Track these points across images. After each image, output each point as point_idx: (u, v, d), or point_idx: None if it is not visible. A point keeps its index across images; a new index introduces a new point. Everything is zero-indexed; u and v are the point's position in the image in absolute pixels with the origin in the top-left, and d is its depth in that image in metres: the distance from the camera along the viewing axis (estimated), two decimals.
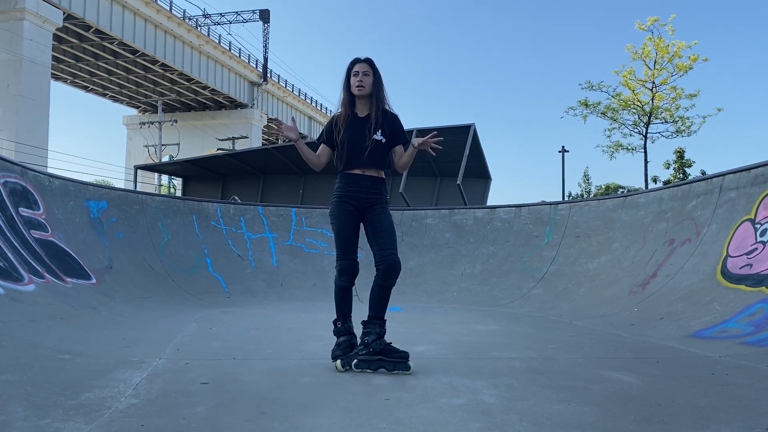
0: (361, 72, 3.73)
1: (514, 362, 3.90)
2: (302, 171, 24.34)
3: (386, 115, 3.80)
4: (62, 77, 49.72)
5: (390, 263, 3.61)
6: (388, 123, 3.79)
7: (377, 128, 3.73)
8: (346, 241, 3.74)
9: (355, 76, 3.73)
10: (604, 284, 7.59)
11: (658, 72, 26.14)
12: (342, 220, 3.75)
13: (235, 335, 5.07)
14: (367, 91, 3.75)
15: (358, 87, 3.72)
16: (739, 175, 6.46)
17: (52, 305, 5.16)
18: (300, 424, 2.43)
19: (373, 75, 3.76)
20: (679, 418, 2.56)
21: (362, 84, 3.72)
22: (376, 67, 3.80)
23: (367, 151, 3.70)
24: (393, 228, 3.78)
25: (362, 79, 3.72)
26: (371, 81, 3.75)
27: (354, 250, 3.76)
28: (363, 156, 3.72)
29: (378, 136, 3.73)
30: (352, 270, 3.72)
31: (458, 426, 2.42)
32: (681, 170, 34.55)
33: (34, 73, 34.18)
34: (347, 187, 3.77)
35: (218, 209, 10.46)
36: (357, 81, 3.72)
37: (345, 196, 3.77)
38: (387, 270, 3.61)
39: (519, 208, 10.43)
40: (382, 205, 3.80)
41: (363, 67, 3.74)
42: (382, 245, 3.67)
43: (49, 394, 2.72)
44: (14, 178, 6.53)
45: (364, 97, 3.78)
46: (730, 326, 4.80)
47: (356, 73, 3.73)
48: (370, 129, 3.72)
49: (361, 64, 3.75)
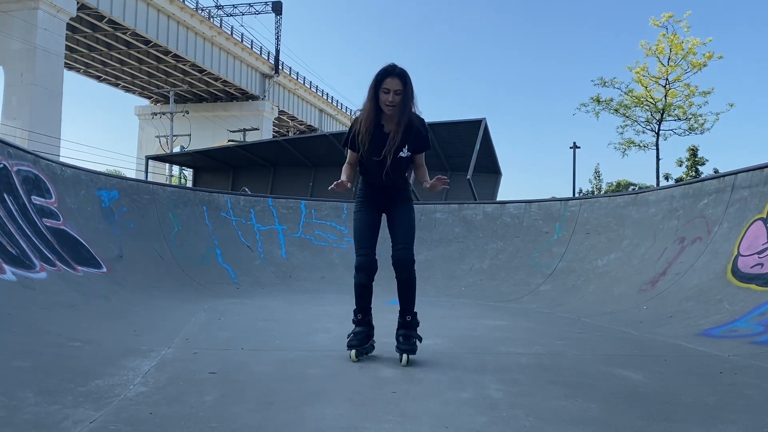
0: (393, 91, 3.49)
1: (521, 357, 3.90)
2: (312, 164, 24.35)
3: (411, 127, 3.62)
4: (75, 67, 50.01)
5: (397, 258, 3.61)
6: (413, 135, 3.64)
7: (402, 145, 3.62)
8: (361, 236, 3.71)
9: (386, 93, 3.50)
10: (613, 281, 7.56)
11: (671, 69, 25.90)
12: (360, 215, 3.77)
13: (244, 326, 5.09)
14: (398, 110, 3.56)
15: (389, 107, 3.53)
16: (752, 173, 6.40)
17: (63, 293, 5.21)
18: (307, 414, 2.44)
19: (404, 92, 3.52)
20: (686, 416, 2.55)
21: (393, 104, 3.52)
22: (408, 80, 3.55)
23: (387, 168, 3.63)
24: (409, 223, 3.75)
25: (393, 99, 3.51)
26: (401, 99, 3.53)
27: (369, 244, 3.69)
28: (385, 172, 3.66)
29: (404, 153, 3.65)
30: (367, 266, 3.66)
31: (464, 420, 2.42)
32: (694, 168, 34.27)
33: (47, 63, 34.41)
34: (371, 194, 3.81)
35: (228, 200, 10.50)
36: (388, 100, 3.51)
37: (367, 199, 3.81)
38: (395, 264, 3.63)
39: (529, 204, 10.40)
40: (402, 202, 3.80)
41: (395, 85, 3.49)
42: (394, 241, 3.69)
43: (60, 380, 2.75)
44: (27, 167, 6.58)
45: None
46: (740, 325, 4.77)
47: (387, 91, 3.50)
48: (394, 146, 3.60)
49: (394, 80, 3.50)
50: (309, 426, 2.28)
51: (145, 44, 45.19)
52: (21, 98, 33.95)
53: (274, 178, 25.43)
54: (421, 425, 2.33)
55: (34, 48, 33.47)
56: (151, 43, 44.80)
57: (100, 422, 2.23)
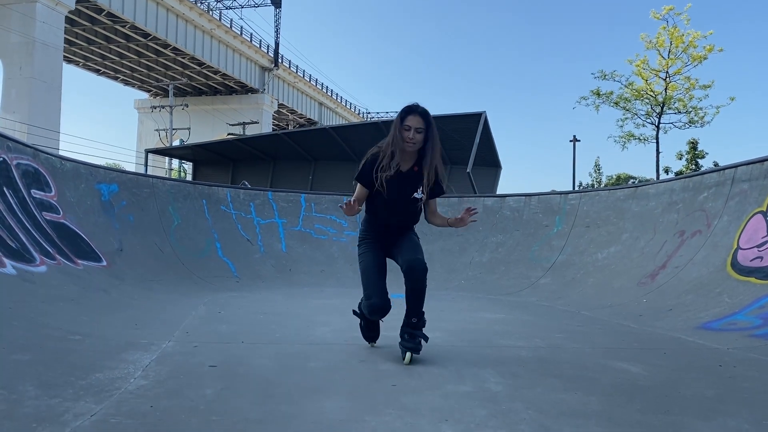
0: (414, 128, 3.47)
1: (521, 351, 3.91)
2: (312, 157, 24.33)
3: (434, 173, 3.57)
4: (74, 60, 49.90)
5: (410, 265, 3.43)
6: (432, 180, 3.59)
7: (419, 185, 3.56)
8: (371, 279, 3.56)
9: (407, 131, 3.48)
10: (613, 275, 7.56)
11: (672, 62, 25.86)
12: (366, 256, 3.65)
13: (244, 319, 5.10)
14: (418, 147, 3.54)
15: (409, 143, 3.49)
16: (752, 166, 6.40)
17: (64, 287, 5.21)
18: (306, 407, 2.45)
19: (425, 131, 3.51)
20: (685, 409, 2.56)
21: (413, 141, 3.49)
22: (431, 120, 3.53)
23: (403, 210, 3.60)
24: (416, 241, 3.63)
25: (414, 137, 3.48)
26: (422, 137, 3.51)
27: (381, 286, 3.54)
28: (399, 214, 3.62)
29: (418, 194, 3.57)
30: (383, 310, 3.49)
31: (464, 412, 2.43)
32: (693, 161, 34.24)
33: (46, 56, 34.32)
34: (377, 234, 3.70)
35: (228, 194, 10.49)
36: (409, 136, 3.48)
37: (373, 240, 3.69)
38: (407, 272, 3.43)
39: (529, 197, 10.40)
40: (407, 233, 3.70)
41: (417, 122, 3.48)
42: (404, 254, 3.52)
43: (60, 374, 2.75)
44: (26, 160, 6.57)
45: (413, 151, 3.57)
46: (739, 318, 4.78)
47: (408, 128, 3.48)
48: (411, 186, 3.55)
49: (416, 117, 3.49)
50: (309, 419, 2.29)
51: (144, 37, 45.06)
52: (20, 92, 33.88)
53: (274, 171, 25.41)
54: (421, 418, 2.34)
55: (33, 41, 33.38)
56: (150, 36, 44.67)
57: (100, 415, 2.24)
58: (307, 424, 2.22)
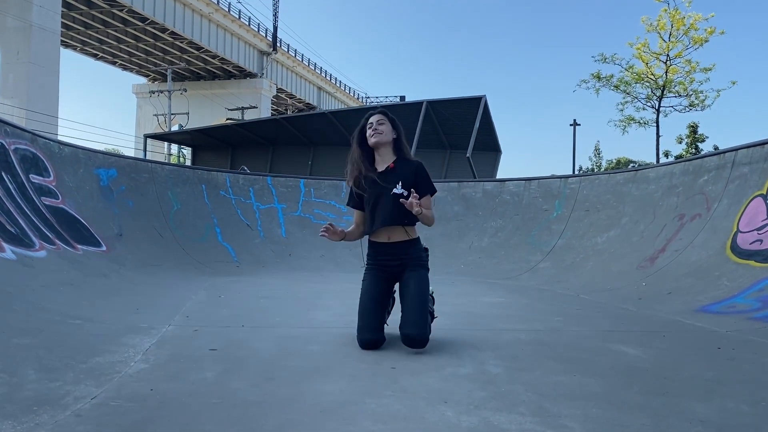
0: (375, 122, 3.48)
1: (520, 334, 3.92)
2: (311, 142, 24.27)
3: (408, 165, 3.51)
4: (72, 45, 49.55)
5: (408, 337, 3.24)
6: (410, 173, 3.47)
7: (397, 180, 3.43)
8: (366, 311, 3.39)
9: (370, 127, 3.49)
10: (612, 258, 7.57)
11: (672, 45, 25.66)
12: (366, 285, 3.49)
13: (244, 303, 5.11)
14: (385, 139, 3.48)
15: (374, 135, 3.46)
16: (753, 150, 6.38)
17: (63, 272, 5.22)
18: (307, 390, 2.46)
19: (389, 123, 3.51)
20: (684, 390, 2.57)
21: (378, 131, 3.46)
22: (392, 117, 3.55)
23: (388, 209, 3.41)
24: (423, 295, 3.38)
25: (377, 128, 3.46)
26: (387, 129, 3.49)
27: (376, 322, 3.36)
28: (385, 215, 3.43)
29: (398, 189, 3.41)
30: (374, 341, 3.31)
31: (463, 394, 2.44)
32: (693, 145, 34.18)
33: (43, 40, 34.06)
34: (377, 256, 3.53)
35: (227, 179, 10.48)
36: (372, 130, 3.47)
37: (375, 264, 3.53)
38: (405, 341, 3.27)
39: (529, 182, 10.38)
40: (414, 269, 3.46)
41: (376, 118, 3.50)
42: (405, 314, 3.33)
43: (60, 357, 2.76)
44: (24, 145, 6.55)
45: (382, 146, 3.51)
46: (738, 301, 4.79)
47: (371, 124, 3.49)
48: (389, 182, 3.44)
49: (375, 115, 3.53)
50: (309, 401, 2.30)
51: (142, 21, 44.71)
52: (18, 77, 33.67)
53: (273, 156, 25.36)
54: (420, 400, 2.35)
55: (30, 25, 33.11)
56: (148, 20, 44.31)
57: (101, 398, 2.25)
58: (307, 407, 2.23)
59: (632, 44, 26.80)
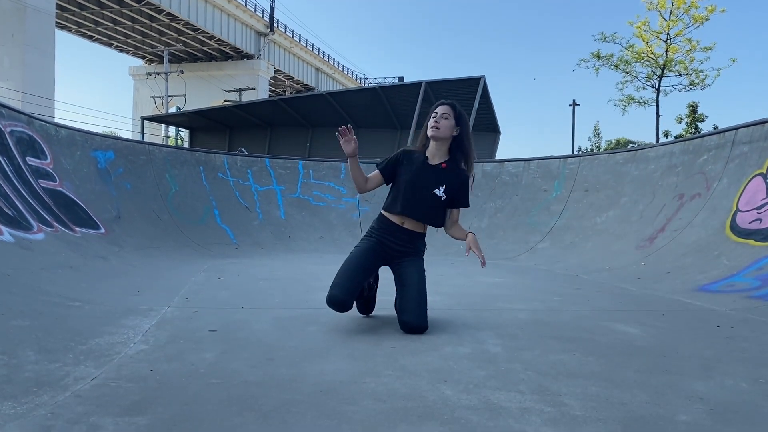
0: (440, 114, 3.39)
1: (520, 313, 3.92)
2: (310, 123, 24.16)
3: (459, 173, 3.43)
4: (67, 26, 49.11)
5: (409, 326, 3.21)
6: (456, 181, 3.42)
7: (442, 183, 3.38)
8: (346, 271, 3.32)
9: (433, 117, 3.40)
10: (611, 238, 7.57)
11: (673, 23, 25.51)
12: (355, 252, 3.43)
13: (243, 285, 5.11)
14: (443, 135, 3.38)
15: (433, 128, 3.37)
16: (753, 128, 6.35)
17: (62, 254, 5.21)
18: (306, 370, 2.46)
19: (454, 119, 3.39)
20: (684, 368, 2.57)
21: (437, 126, 3.37)
22: (460, 112, 3.44)
23: (420, 204, 3.37)
24: (422, 282, 3.38)
25: (438, 121, 3.37)
26: (449, 125, 3.39)
27: (350, 283, 3.28)
28: (415, 207, 3.38)
29: (440, 192, 3.37)
30: (343, 302, 3.23)
31: (463, 373, 2.44)
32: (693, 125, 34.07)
33: (38, 22, 33.74)
34: (382, 233, 3.44)
35: (225, 161, 10.44)
36: (433, 121, 3.38)
37: (377, 239, 3.45)
38: (404, 329, 3.24)
39: (528, 162, 10.35)
40: (413, 258, 3.45)
41: (443, 109, 3.41)
42: (404, 301, 3.31)
43: (60, 339, 2.76)
44: (21, 127, 6.51)
45: (440, 141, 3.42)
46: (738, 280, 4.79)
47: (435, 114, 3.41)
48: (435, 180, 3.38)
49: (443, 106, 3.43)
50: (309, 380, 2.30)
51: (138, 2, 44.27)
52: (13, 59, 33.40)
53: (271, 138, 25.27)
54: (420, 379, 2.35)
55: (25, 7, 32.78)
56: (143, 1, 43.88)
57: (101, 379, 2.24)
58: (307, 386, 2.23)
59: (632, 23, 26.66)
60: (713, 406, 2.06)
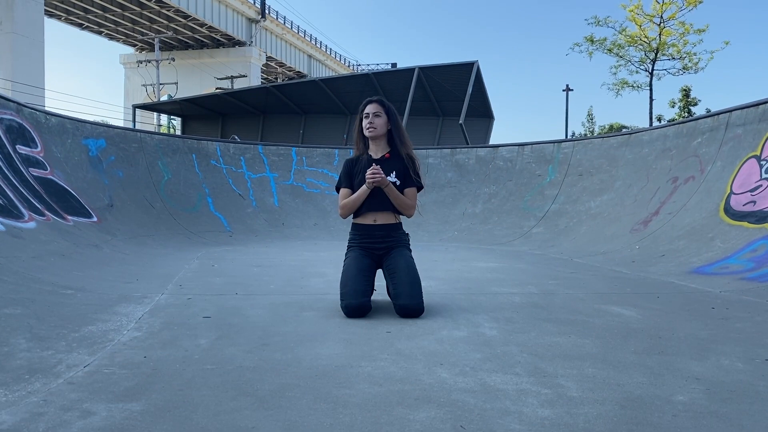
0: (372, 113, 3.54)
1: (515, 297, 3.92)
2: (302, 110, 24.03)
3: (401, 157, 3.57)
4: (56, 14, 48.54)
5: (405, 310, 3.23)
6: (402, 164, 3.56)
7: (392, 170, 3.53)
8: (350, 278, 3.35)
9: (366, 118, 3.55)
10: (606, 222, 7.57)
11: (666, 6, 25.45)
12: (348, 262, 3.48)
13: (238, 272, 5.09)
14: (380, 132, 3.55)
15: (369, 129, 3.53)
16: (747, 111, 6.34)
17: (54, 242, 5.16)
18: (302, 354, 2.44)
19: (386, 115, 3.56)
20: (679, 349, 2.57)
21: (373, 125, 3.53)
22: (389, 106, 3.60)
23: (381, 195, 3.46)
24: (410, 267, 3.41)
25: (373, 121, 3.53)
26: (382, 122, 3.55)
27: (361, 286, 3.32)
28: (378, 201, 3.48)
29: (392, 177, 3.51)
30: (360, 307, 3.24)
31: (459, 356, 2.43)
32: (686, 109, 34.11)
33: (26, 9, 33.39)
34: (361, 239, 3.55)
35: (218, 148, 10.37)
36: (368, 123, 3.54)
37: (359, 247, 3.54)
38: (402, 313, 3.25)
39: (522, 147, 10.33)
40: (398, 248, 3.52)
41: (373, 108, 3.55)
42: (398, 288, 3.32)
43: (52, 326, 2.73)
44: (10, 115, 6.43)
45: (378, 138, 3.58)
46: (732, 262, 4.80)
47: (367, 115, 3.55)
48: (384, 171, 3.47)
49: (372, 104, 3.56)
50: (304, 365, 2.29)
51: None
52: (2, 48, 33.06)
53: (264, 125, 25.13)
54: (416, 362, 2.34)
55: None
56: None
57: (94, 366, 2.22)
58: (302, 371, 2.22)
59: (626, 6, 26.57)
60: (710, 386, 2.06)
